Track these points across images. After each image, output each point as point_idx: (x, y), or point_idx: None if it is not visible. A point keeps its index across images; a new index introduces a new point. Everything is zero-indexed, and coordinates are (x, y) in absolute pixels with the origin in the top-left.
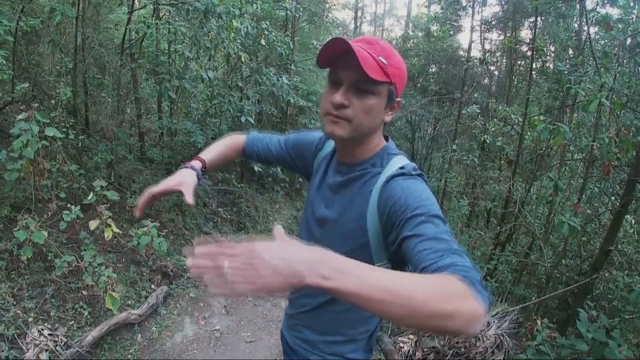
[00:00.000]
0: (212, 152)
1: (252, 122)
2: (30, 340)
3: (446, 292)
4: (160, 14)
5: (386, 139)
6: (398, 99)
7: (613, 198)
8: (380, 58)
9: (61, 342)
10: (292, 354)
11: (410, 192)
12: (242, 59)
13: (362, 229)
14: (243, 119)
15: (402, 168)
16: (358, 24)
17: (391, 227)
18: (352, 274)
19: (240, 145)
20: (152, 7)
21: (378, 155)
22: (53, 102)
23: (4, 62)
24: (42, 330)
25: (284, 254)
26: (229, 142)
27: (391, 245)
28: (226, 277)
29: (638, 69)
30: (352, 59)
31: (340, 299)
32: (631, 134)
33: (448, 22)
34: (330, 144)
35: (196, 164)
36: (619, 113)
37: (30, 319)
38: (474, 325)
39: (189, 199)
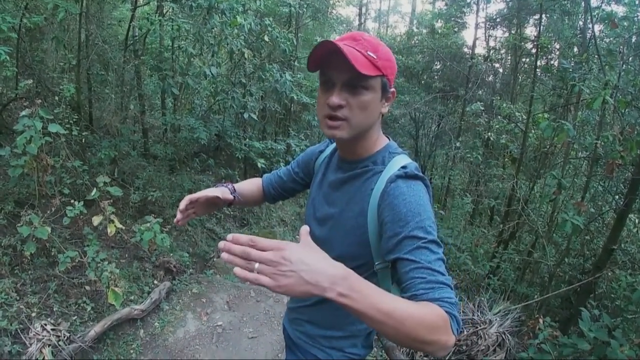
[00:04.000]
0: (239, 184)
1: (255, 118)
2: (33, 335)
3: (431, 324)
4: (164, 11)
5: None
6: (392, 89)
7: (617, 197)
8: (369, 53)
9: (64, 337)
10: (293, 347)
11: (410, 206)
12: (246, 56)
13: (362, 226)
14: (246, 116)
15: (404, 168)
16: (362, 20)
17: (385, 232)
18: (364, 295)
19: (259, 180)
20: (155, 3)
21: (380, 154)
22: (57, 98)
23: (8, 58)
24: (45, 325)
25: (311, 262)
26: (251, 179)
27: (383, 251)
28: (253, 267)
29: None
30: (341, 58)
31: (349, 312)
32: (635, 132)
33: (452, 19)
34: (333, 146)
35: (227, 185)
36: (623, 111)
37: (34, 314)
38: (443, 353)
39: (228, 196)
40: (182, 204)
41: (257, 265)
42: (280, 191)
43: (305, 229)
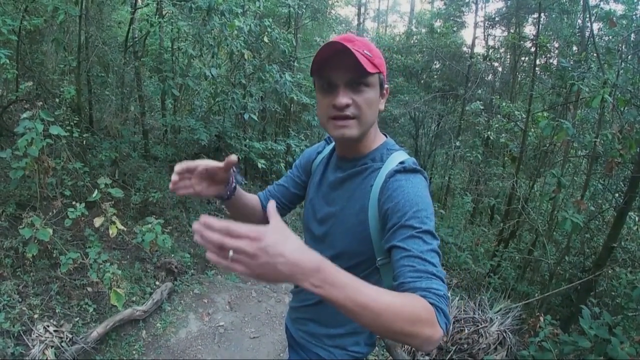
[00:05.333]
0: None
1: (255, 119)
2: (36, 336)
3: (413, 315)
4: (163, 12)
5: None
6: (386, 86)
7: (617, 195)
8: (366, 52)
9: (66, 338)
10: (296, 347)
11: (408, 197)
12: (245, 57)
13: (364, 223)
14: (246, 116)
15: (402, 163)
16: (361, 20)
17: (384, 225)
18: (337, 286)
19: (256, 197)
20: (155, 5)
21: (378, 150)
22: (57, 100)
23: (8, 61)
24: (48, 326)
25: (287, 254)
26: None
27: (383, 242)
28: (227, 253)
29: None
30: (343, 59)
31: (325, 302)
32: (634, 130)
33: (451, 18)
34: (330, 146)
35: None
36: (622, 109)
37: (36, 316)
38: (429, 346)
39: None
40: (178, 167)
41: (231, 253)
42: (283, 201)
43: (272, 205)
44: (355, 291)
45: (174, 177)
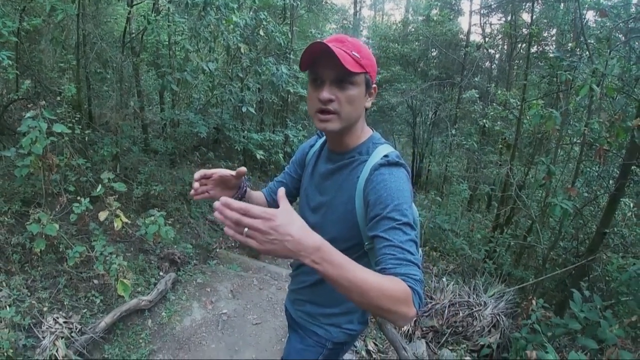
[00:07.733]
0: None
1: (253, 111)
2: (46, 328)
3: (393, 296)
4: (159, 8)
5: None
6: (374, 85)
7: (611, 181)
8: (354, 53)
9: (76, 329)
10: (295, 326)
11: (390, 191)
12: (242, 50)
13: (351, 212)
14: (244, 109)
15: (386, 156)
16: (358, 8)
17: (368, 214)
18: (334, 264)
19: (262, 192)
20: (151, 1)
21: (364, 144)
22: (58, 98)
23: (10, 63)
24: (57, 318)
25: (294, 233)
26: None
27: (367, 230)
28: (243, 230)
29: (633, 55)
30: (331, 58)
31: (321, 277)
32: (621, 118)
33: (448, 6)
34: (322, 140)
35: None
36: (614, 98)
37: (45, 309)
38: (404, 322)
39: (240, 169)
40: (197, 175)
41: (246, 229)
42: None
43: (282, 191)
44: (348, 270)
45: (195, 184)
